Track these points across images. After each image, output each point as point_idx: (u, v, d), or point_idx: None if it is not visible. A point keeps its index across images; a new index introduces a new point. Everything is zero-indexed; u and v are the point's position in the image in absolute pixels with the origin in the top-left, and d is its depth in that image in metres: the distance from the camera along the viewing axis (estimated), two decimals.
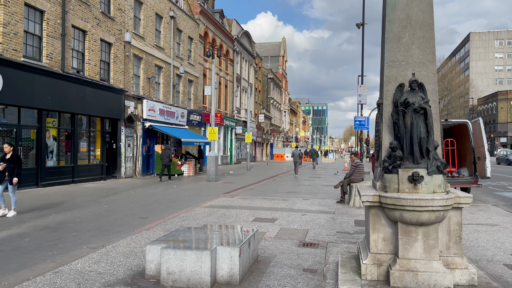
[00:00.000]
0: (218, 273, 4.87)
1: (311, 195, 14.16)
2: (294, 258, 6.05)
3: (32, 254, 6.19)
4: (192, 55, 29.57)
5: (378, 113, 5.05)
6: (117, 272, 5.30)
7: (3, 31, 13.29)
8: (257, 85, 51.33)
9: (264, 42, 74.32)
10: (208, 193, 14.49)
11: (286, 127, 74.46)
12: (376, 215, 4.65)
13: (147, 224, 8.57)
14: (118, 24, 19.90)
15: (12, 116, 14.14)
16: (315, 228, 8.24)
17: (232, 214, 9.91)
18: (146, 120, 22.18)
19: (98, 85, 18.09)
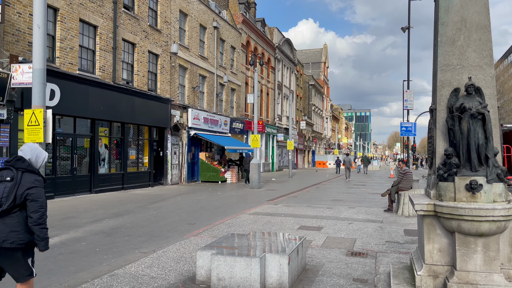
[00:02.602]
0: (267, 281, 4.88)
1: (356, 203, 13.88)
2: (342, 267, 5.94)
3: (89, 258, 6.49)
4: (235, 64, 30.03)
5: (431, 119, 4.89)
6: (169, 277, 5.44)
7: (60, 46, 14.15)
8: (299, 92, 51.21)
9: (306, 49, 74.12)
10: (252, 200, 14.57)
11: (328, 133, 73.58)
12: (431, 225, 4.48)
13: (195, 230, 8.74)
14: (164, 36, 20.62)
15: (67, 126, 14.97)
16: (363, 237, 8.06)
17: (277, 221, 9.90)
18: (191, 128, 22.73)
19: (146, 95, 18.79)
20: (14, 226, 3.48)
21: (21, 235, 3.49)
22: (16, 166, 3.60)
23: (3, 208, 3.44)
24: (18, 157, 3.67)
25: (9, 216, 3.49)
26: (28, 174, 3.60)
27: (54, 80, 13.30)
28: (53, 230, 8.61)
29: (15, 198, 3.48)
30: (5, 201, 3.45)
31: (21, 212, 3.54)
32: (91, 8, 15.58)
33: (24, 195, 3.50)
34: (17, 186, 3.50)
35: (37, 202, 3.53)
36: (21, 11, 12.48)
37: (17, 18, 12.36)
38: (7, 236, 3.44)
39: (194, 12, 23.75)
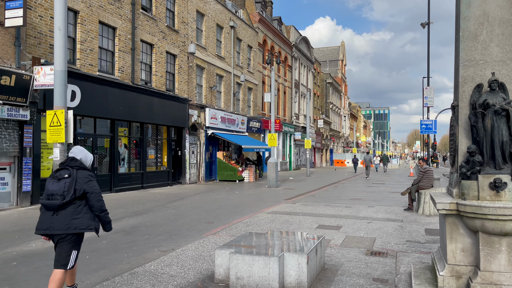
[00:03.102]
0: (286, 280, 4.86)
1: (376, 202, 13.71)
2: (362, 267, 5.88)
3: (110, 256, 6.60)
4: (252, 63, 30.04)
5: (453, 116, 4.78)
6: (188, 275, 5.48)
7: (81, 48, 14.41)
8: (316, 90, 50.89)
9: (323, 47, 73.60)
10: (269, 199, 14.56)
11: (346, 132, 72.91)
12: (454, 224, 4.39)
13: (213, 229, 8.78)
14: (182, 36, 20.78)
15: (88, 126, 15.24)
16: (383, 237, 7.96)
17: (295, 220, 9.87)
18: (209, 127, 22.85)
19: (164, 95, 18.97)
20: (75, 214, 4.11)
21: (82, 221, 4.13)
22: (70, 165, 4.26)
23: (66, 199, 4.08)
24: (71, 158, 4.33)
25: (70, 206, 4.11)
26: (82, 170, 4.26)
27: (75, 82, 13.56)
28: None
29: (75, 191, 4.12)
30: (67, 194, 4.09)
31: (80, 202, 4.17)
32: (110, 10, 15.82)
33: (83, 189, 4.15)
34: (75, 181, 4.15)
35: (96, 194, 4.20)
36: (42, 14, 12.76)
37: (39, 21, 12.64)
38: (70, 223, 4.08)
39: (211, 12, 23.85)
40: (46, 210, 4.14)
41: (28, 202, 12.11)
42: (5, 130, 11.56)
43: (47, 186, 4.19)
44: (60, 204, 4.05)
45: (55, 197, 4.09)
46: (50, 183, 4.18)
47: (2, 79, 10.86)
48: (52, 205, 4.08)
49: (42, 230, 4.12)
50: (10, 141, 11.69)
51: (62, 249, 4.12)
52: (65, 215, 4.07)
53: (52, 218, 4.08)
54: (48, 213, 4.12)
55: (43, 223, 4.12)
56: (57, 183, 4.15)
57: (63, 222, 4.06)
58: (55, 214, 4.09)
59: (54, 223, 4.07)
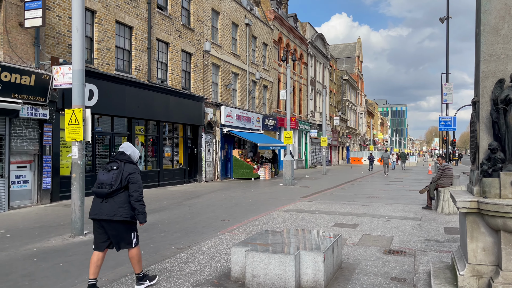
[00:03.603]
0: (302, 278, 4.83)
1: (393, 200, 13.53)
2: (380, 265, 5.80)
3: (127, 253, 6.66)
4: (267, 61, 29.98)
5: (474, 112, 4.66)
6: (204, 272, 5.50)
7: (98, 47, 14.60)
8: (332, 88, 50.49)
9: (339, 44, 72.98)
10: (285, 197, 14.51)
11: (363, 129, 72.18)
12: (474, 223, 4.28)
13: (229, 227, 8.80)
14: (197, 35, 20.86)
15: (105, 125, 15.45)
16: (401, 235, 7.84)
17: (311, 218, 9.81)
18: (224, 125, 22.90)
19: (180, 94, 19.09)
20: (121, 203, 4.57)
21: (126, 210, 4.58)
22: (120, 159, 4.73)
23: (114, 188, 4.53)
24: (121, 152, 4.81)
25: (117, 195, 4.58)
26: (129, 164, 4.72)
27: (92, 81, 13.75)
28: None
29: (121, 181, 4.57)
30: (114, 183, 4.55)
31: (126, 193, 4.62)
32: (127, 10, 15.97)
33: (127, 178, 4.60)
34: (122, 172, 4.60)
35: (136, 184, 4.63)
36: (60, 14, 12.97)
37: (57, 21, 12.85)
38: (117, 211, 4.53)
39: (226, 10, 23.87)
40: (97, 197, 4.65)
41: (48, 200, 12.35)
42: (26, 129, 11.80)
43: (98, 176, 4.68)
44: (108, 192, 4.53)
45: (104, 186, 4.57)
46: (101, 174, 4.67)
47: (22, 79, 11.08)
48: (101, 193, 4.57)
49: (92, 215, 4.63)
50: (30, 139, 11.93)
51: (118, 233, 4.64)
52: (113, 203, 4.55)
53: (101, 205, 4.58)
54: (98, 200, 4.63)
55: (94, 208, 4.64)
56: (106, 173, 4.62)
57: (111, 209, 4.53)
58: (104, 201, 4.58)
59: (103, 209, 4.55)
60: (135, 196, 4.60)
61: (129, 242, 4.72)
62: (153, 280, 4.95)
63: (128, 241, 4.71)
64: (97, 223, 4.67)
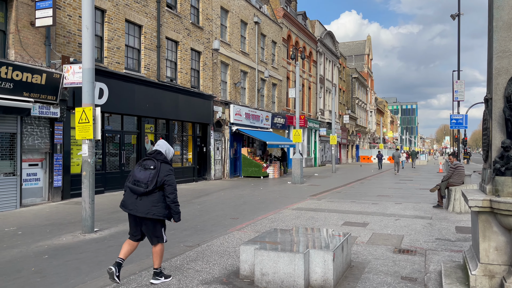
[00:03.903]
0: (312, 277, 4.81)
1: (403, 199, 13.42)
2: (390, 264, 5.75)
3: (137, 250, 6.68)
4: (276, 59, 29.91)
5: (486, 109, 4.59)
6: (213, 270, 5.50)
7: (108, 46, 14.69)
8: (341, 86, 50.22)
9: (348, 42, 72.54)
10: (294, 195, 14.48)
11: (373, 127, 71.69)
12: (487, 222, 4.22)
13: (238, 225, 8.80)
14: (206, 33, 20.88)
15: (115, 123, 15.55)
16: (411, 234, 7.77)
17: (320, 217, 9.77)
18: (233, 124, 22.92)
19: (189, 92, 19.14)
20: (155, 202, 4.73)
21: (160, 209, 4.76)
22: (156, 158, 4.83)
23: (149, 188, 4.68)
24: (158, 151, 4.90)
25: (152, 194, 4.73)
26: (165, 164, 4.84)
27: (102, 79, 13.85)
28: (103, 223, 8.98)
29: (156, 182, 4.71)
30: (150, 184, 4.68)
31: (160, 193, 4.77)
32: (136, 8, 16.05)
33: (163, 181, 4.74)
34: (158, 173, 4.73)
35: (172, 186, 4.79)
36: (71, 13, 13.07)
37: (68, 21, 12.95)
38: (150, 209, 4.71)
39: (235, 8, 23.85)
40: (131, 193, 4.80)
41: (59, 197, 12.48)
42: (37, 127, 11.93)
43: (135, 173, 4.82)
44: (143, 192, 4.70)
45: (140, 184, 4.73)
46: (138, 171, 4.82)
47: (34, 78, 11.20)
48: (137, 191, 4.73)
49: (128, 209, 4.81)
50: (42, 138, 12.06)
51: (149, 229, 4.86)
52: (147, 201, 4.72)
53: (136, 202, 4.75)
54: (133, 195, 4.78)
55: (128, 203, 4.81)
56: (143, 171, 4.77)
57: (145, 207, 4.71)
58: (138, 199, 4.75)
59: (138, 206, 4.74)
60: (171, 198, 4.78)
61: (159, 237, 4.93)
62: (167, 279, 5.06)
63: (159, 236, 4.92)
64: (132, 217, 4.90)
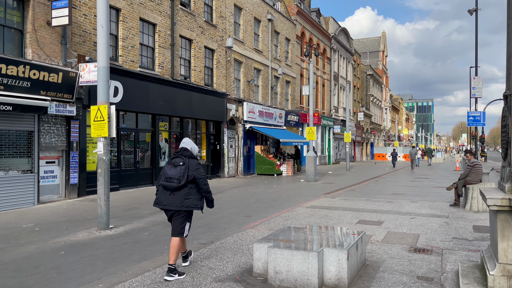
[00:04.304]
0: (325, 276, 4.77)
1: (419, 197, 13.23)
2: (405, 264, 5.67)
3: (152, 247, 6.76)
4: (289, 56, 29.79)
5: (505, 106, 4.47)
6: (226, 268, 5.51)
7: (122, 44, 14.82)
8: (356, 83, 49.77)
9: (363, 38, 71.80)
10: (308, 193, 14.41)
11: (388, 125, 70.92)
12: (506, 221, 4.12)
13: (251, 223, 8.80)
14: (219, 31, 20.90)
15: (130, 121, 15.69)
16: (427, 233, 7.65)
17: (334, 215, 9.70)
18: (247, 121, 22.92)
19: (203, 90, 19.20)
20: (187, 195, 5.09)
21: (190, 202, 5.10)
22: (184, 154, 5.20)
23: (182, 183, 5.04)
24: (184, 148, 5.26)
25: (183, 189, 5.09)
26: (192, 159, 5.20)
27: (117, 78, 13.98)
28: (118, 220, 9.08)
29: (187, 176, 5.06)
30: (182, 178, 5.04)
31: (190, 186, 5.12)
32: (150, 7, 16.14)
33: (193, 175, 5.09)
34: (188, 168, 5.09)
35: (203, 179, 5.17)
36: (86, 13, 13.21)
37: (83, 20, 13.10)
38: (183, 202, 5.08)
39: (249, 5, 23.81)
40: (164, 189, 5.15)
41: (76, 194, 12.66)
42: (54, 125, 12.11)
43: (166, 171, 5.17)
44: (177, 186, 5.04)
45: (172, 180, 5.07)
46: (168, 168, 5.16)
47: (50, 77, 11.37)
48: (170, 187, 5.08)
49: (162, 205, 5.18)
50: (58, 135, 12.25)
51: (177, 222, 5.14)
52: (179, 196, 5.07)
53: (169, 197, 5.10)
54: (166, 192, 5.13)
55: (161, 200, 5.17)
56: (174, 168, 5.11)
57: (178, 201, 5.06)
58: (172, 194, 5.10)
59: (171, 201, 5.08)
60: (204, 189, 5.18)
61: (181, 232, 5.17)
62: (181, 276, 5.14)
63: (181, 231, 5.17)
64: (166, 213, 5.24)
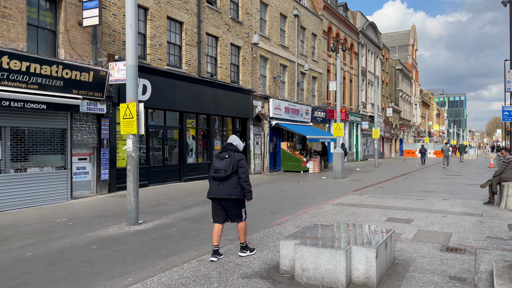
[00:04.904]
0: (354, 274, 4.70)
1: (451, 194, 12.85)
2: (437, 263, 5.51)
3: (179, 243, 6.85)
4: (316, 52, 29.49)
5: None
6: (253, 264, 5.51)
7: (150, 43, 15.06)
8: (384, 78, 48.78)
9: (392, 32, 70.22)
10: (335, 190, 14.25)
11: (417, 121, 69.21)
12: None
13: (278, 219, 8.77)
14: (245, 28, 20.90)
15: (159, 119, 15.95)
16: (460, 232, 7.42)
17: (362, 213, 9.55)
18: (273, 118, 22.86)
19: (229, 87, 19.27)
20: (235, 185, 5.65)
21: (239, 190, 5.66)
22: (229, 149, 5.81)
23: (228, 173, 5.60)
24: (230, 143, 5.87)
25: (231, 179, 5.65)
26: (237, 153, 5.80)
27: (145, 76, 14.22)
28: (147, 216, 9.26)
29: (233, 167, 5.64)
30: (228, 169, 5.62)
31: (237, 176, 5.69)
32: (177, 5, 16.32)
33: (237, 164, 5.67)
34: (232, 160, 5.67)
35: (244, 168, 5.73)
36: (116, 12, 13.49)
37: (113, 20, 13.39)
38: (232, 191, 5.62)
39: (275, 1, 23.69)
40: (214, 180, 5.72)
41: (106, 190, 12.99)
42: (85, 123, 12.46)
43: (214, 164, 5.77)
44: (224, 176, 5.60)
45: (219, 171, 5.65)
46: (216, 161, 5.76)
47: (82, 76, 11.69)
48: (218, 177, 5.66)
49: (212, 194, 5.72)
50: (90, 133, 12.59)
51: (232, 209, 5.71)
52: (227, 185, 5.63)
53: (219, 187, 5.67)
54: (216, 183, 5.71)
55: (212, 190, 5.73)
56: (221, 161, 5.71)
57: (227, 190, 5.62)
58: (220, 184, 5.67)
59: (221, 190, 5.65)
60: (243, 177, 5.67)
61: (239, 216, 5.75)
62: (253, 252, 5.94)
63: (239, 216, 5.75)
64: (216, 202, 5.75)
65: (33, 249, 6.48)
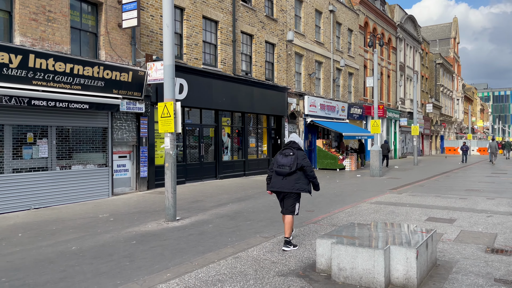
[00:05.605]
0: (393, 274, 4.58)
1: (496, 193, 12.26)
2: (481, 265, 5.28)
3: (215, 239, 6.93)
4: (352, 47, 28.94)
5: None
6: (289, 262, 5.49)
7: (187, 43, 15.31)
8: (424, 72, 47.18)
9: (432, 25, 67.76)
10: (372, 188, 13.95)
11: (460, 117, 66.50)
12: None
13: (314, 218, 8.70)
14: (280, 25, 20.82)
15: (195, 117, 16.21)
16: (506, 233, 7.07)
17: (401, 212, 9.29)
18: (308, 115, 22.67)
19: (264, 85, 19.28)
20: (297, 180, 6.06)
21: (299, 185, 6.07)
22: (293, 147, 6.20)
23: (293, 169, 6.01)
24: (293, 141, 6.26)
25: (294, 174, 6.06)
26: (300, 151, 6.18)
27: (182, 75, 14.48)
28: (184, 212, 9.43)
29: (297, 164, 6.03)
30: (293, 166, 6.01)
31: (299, 173, 6.08)
32: (212, 5, 16.49)
33: (301, 164, 6.06)
34: (297, 157, 6.06)
35: (310, 167, 6.13)
36: (153, 13, 13.81)
37: (150, 21, 13.71)
38: (294, 186, 6.05)
39: None
40: (277, 175, 6.13)
41: (145, 187, 13.36)
42: (125, 122, 12.85)
43: (278, 159, 6.16)
44: (288, 172, 6.02)
45: (284, 167, 6.04)
46: (280, 157, 6.15)
47: (121, 76, 12.06)
48: (282, 173, 6.07)
49: (275, 188, 6.17)
50: (129, 131, 12.98)
51: (289, 202, 6.13)
52: (290, 180, 6.05)
53: (282, 181, 6.10)
54: (279, 177, 6.11)
55: (275, 184, 6.15)
56: (285, 158, 6.09)
57: (290, 184, 6.05)
58: (284, 179, 6.08)
59: (284, 184, 6.08)
60: (311, 175, 6.12)
61: (292, 210, 6.15)
62: (296, 247, 6.14)
63: (292, 210, 6.14)
64: (279, 195, 6.22)
65: (78, 243, 6.76)
